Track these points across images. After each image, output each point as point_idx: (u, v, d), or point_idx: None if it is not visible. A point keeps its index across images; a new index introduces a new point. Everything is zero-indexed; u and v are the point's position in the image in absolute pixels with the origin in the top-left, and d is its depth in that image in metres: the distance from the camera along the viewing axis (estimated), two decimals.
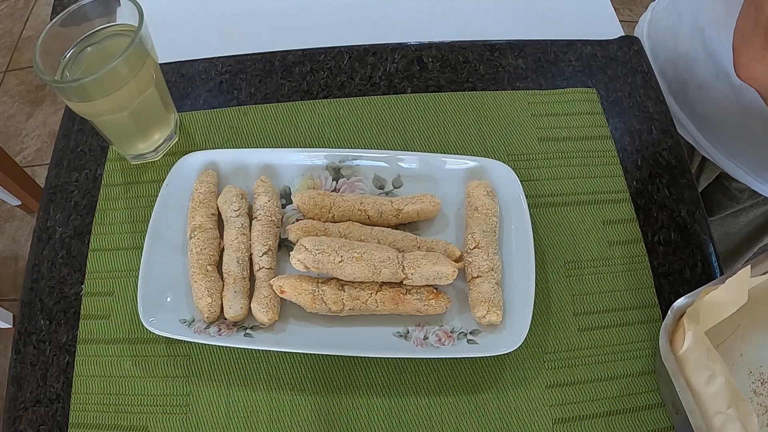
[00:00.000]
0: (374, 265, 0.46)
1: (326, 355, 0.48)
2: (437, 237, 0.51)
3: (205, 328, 0.47)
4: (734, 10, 0.52)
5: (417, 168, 0.54)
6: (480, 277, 0.47)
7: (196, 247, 0.49)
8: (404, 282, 0.47)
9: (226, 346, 0.48)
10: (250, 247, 0.50)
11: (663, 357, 0.41)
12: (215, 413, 0.47)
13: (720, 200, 0.72)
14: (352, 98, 0.61)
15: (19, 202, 1.53)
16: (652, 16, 0.71)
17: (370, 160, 0.55)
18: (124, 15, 0.51)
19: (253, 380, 0.48)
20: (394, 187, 0.54)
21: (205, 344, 0.49)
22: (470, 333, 0.47)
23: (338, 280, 0.47)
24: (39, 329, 0.51)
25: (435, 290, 0.47)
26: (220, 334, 0.47)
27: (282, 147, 0.58)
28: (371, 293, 0.46)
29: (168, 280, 0.49)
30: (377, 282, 0.47)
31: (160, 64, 0.53)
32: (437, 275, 0.46)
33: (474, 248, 0.48)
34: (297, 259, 0.46)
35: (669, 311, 0.42)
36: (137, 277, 0.48)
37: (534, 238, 0.49)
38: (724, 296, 0.41)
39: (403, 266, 0.46)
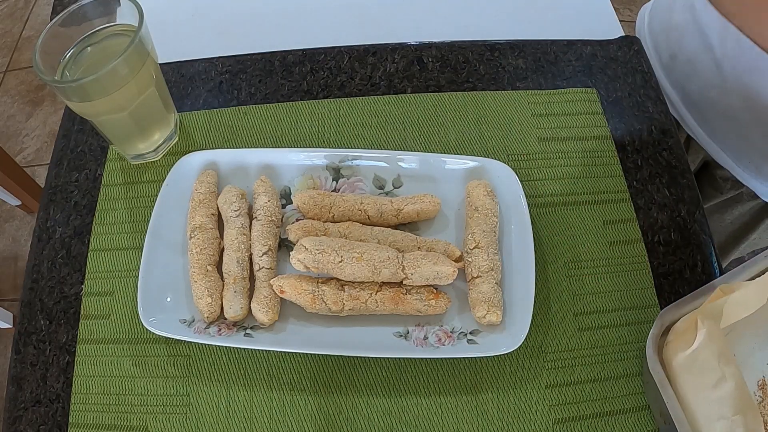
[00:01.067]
0: (374, 265, 0.46)
1: (326, 355, 0.48)
2: (437, 237, 0.51)
3: (205, 328, 0.47)
4: None
5: (417, 168, 0.54)
6: (480, 277, 0.47)
7: (196, 247, 0.49)
8: (404, 282, 0.47)
9: (226, 346, 0.48)
10: (250, 247, 0.50)
11: (650, 367, 0.40)
12: (215, 413, 0.47)
13: (706, 191, 0.73)
14: (352, 98, 0.61)
15: (19, 202, 1.53)
16: None
17: (370, 160, 0.55)
18: (124, 15, 0.51)
19: (253, 380, 0.48)
20: (394, 187, 0.54)
21: (205, 344, 0.49)
22: (470, 333, 0.47)
23: (338, 280, 0.47)
24: (39, 329, 0.51)
25: (435, 290, 0.47)
26: (220, 334, 0.47)
27: (282, 147, 0.58)
28: (371, 293, 0.46)
29: (168, 280, 0.49)
30: (377, 282, 0.47)
31: (160, 64, 0.53)
32: (437, 275, 0.46)
33: (474, 248, 0.48)
34: (297, 259, 0.46)
35: (655, 321, 0.41)
36: (137, 277, 0.48)
37: (534, 238, 0.49)
38: (750, 296, 0.39)
39: (403, 266, 0.46)
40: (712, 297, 0.40)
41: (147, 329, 0.47)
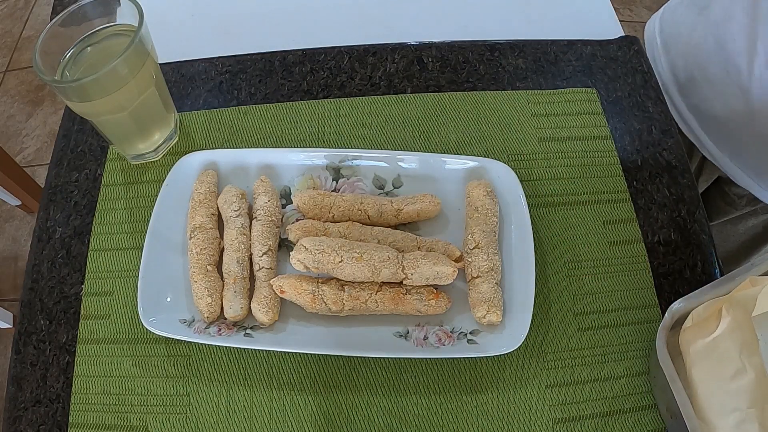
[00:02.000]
0: (374, 265, 0.46)
1: (326, 355, 0.48)
2: (437, 237, 0.51)
3: (205, 328, 0.47)
4: (747, 3, 0.52)
5: (417, 168, 0.54)
6: (480, 277, 0.47)
7: (196, 247, 0.49)
8: (404, 282, 0.47)
9: (226, 346, 0.48)
10: (250, 247, 0.50)
11: (660, 360, 0.40)
12: (215, 413, 0.47)
13: (719, 205, 0.72)
14: (352, 98, 0.61)
15: (19, 202, 1.53)
16: (664, 12, 0.71)
17: (370, 160, 0.55)
18: (124, 15, 0.51)
19: (253, 380, 0.48)
20: (394, 187, 0.54)
21: (205, 344, 0.49)
22: (470, 333, 0.47)
23: (338, 280, 0.47)
24: (39, 329, 0.51)
25: (435, 290, 0.47)
26: (220, 334, 0.47)
27: (282, 147, 0.58)
28: (371, 293, 0.46)
29: (168, 280, 0.49)
30: (377, 282, 0.47)
31: (160, 64, 0.53)
32: (437, 275, 0.46)
33: (474, 248, 0.48)
34: (297, 259, 0.46)
35: (666, 313, 0.41)
36: (137, 277, 0.48)
37: (534, 238, 0.49)
38: None
39: (403, 266, 0.46)
40: (741, 286, 0.39)
41: (147, 329, 0.47)
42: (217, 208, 0.52)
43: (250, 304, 0.48)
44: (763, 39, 0.53)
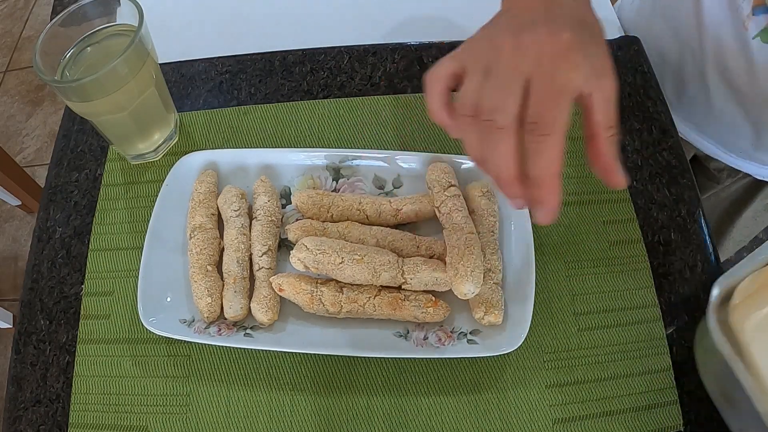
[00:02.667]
0: (374, 268, 0.46)
1: (326, 355, 0.48)
2: (436, 237, 0.51)
3: (205, 328, 0.47)
4: None
5: (417, 168, 0.54)
6: None
7: (196, 247, 0.49)
8: (403, 286, 0.47)
9: (226, 346, 0.48)
10: (250, 247, 0.50)
11: (715, 340, 0.37)
12: (215, 413, 0.47)
13: (701, 182, 0.73)
14: (352, 98, 0.61)
15: (19, 202, 1.53)
16: None
17: (370, 160, 0.55)
18: (124, 15, 0.51)
19: (253, 380, 0.48)
20: (394, 187, 0.54)
21: (205, 344, 0.49)
22: (470, 333, 0.47)
23: (337, 281, 0.47)
24: (39, 329, 0.51)
25: (434, 298, 0.47)
26: (220, 334, 0.47)
27: (282, 147, 0.58)
28: (369, 297, 0.46)
29: (168, 280, 0.49)
30: (376, 286, 0.47)
31: (160, 64, 0.53)
32: (436, 281, 0.46)
33: None
34: (297, 258, 0.46)
35: (714, 290, 0.39)
36: (137, 277, 0.48)
37: (534, 238, 0.49)
38: None
39: (403, 270, 0.46)
40: None
41: (147, 329, 0.47)
42: (217, 208, 0.52)
43: (250, 304, 0.48)
44: (708, 9, 0.55)
